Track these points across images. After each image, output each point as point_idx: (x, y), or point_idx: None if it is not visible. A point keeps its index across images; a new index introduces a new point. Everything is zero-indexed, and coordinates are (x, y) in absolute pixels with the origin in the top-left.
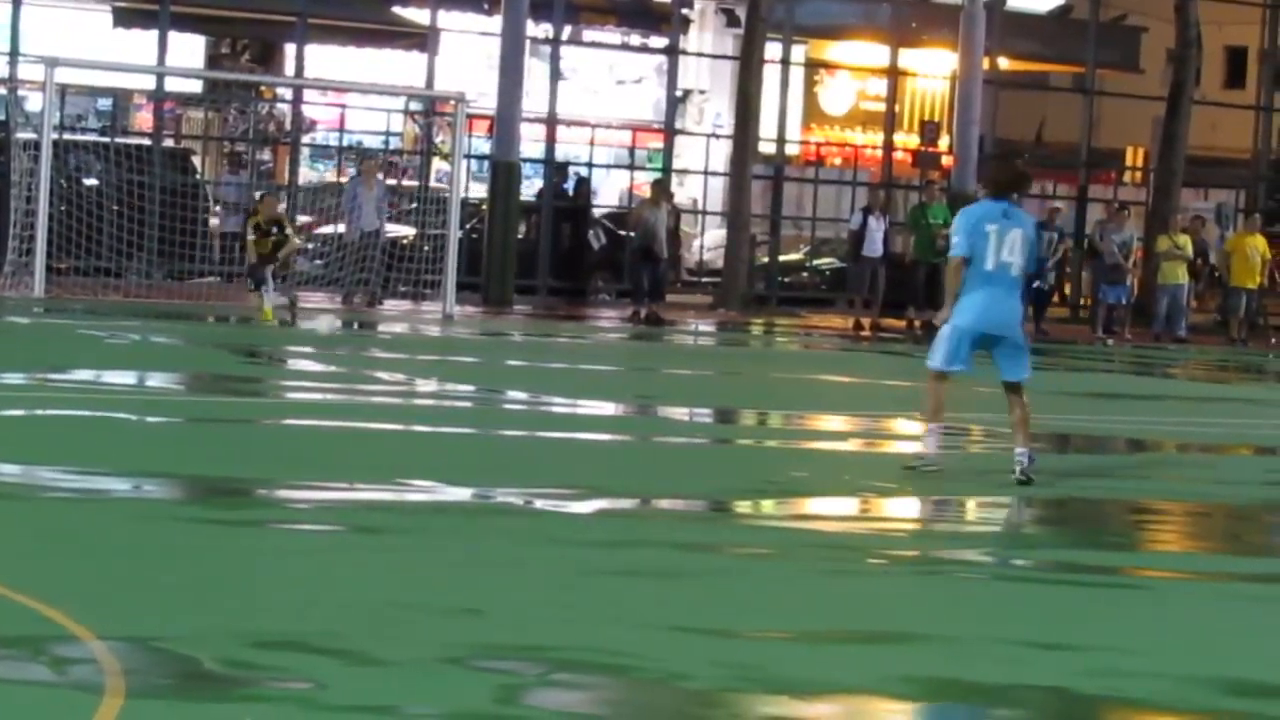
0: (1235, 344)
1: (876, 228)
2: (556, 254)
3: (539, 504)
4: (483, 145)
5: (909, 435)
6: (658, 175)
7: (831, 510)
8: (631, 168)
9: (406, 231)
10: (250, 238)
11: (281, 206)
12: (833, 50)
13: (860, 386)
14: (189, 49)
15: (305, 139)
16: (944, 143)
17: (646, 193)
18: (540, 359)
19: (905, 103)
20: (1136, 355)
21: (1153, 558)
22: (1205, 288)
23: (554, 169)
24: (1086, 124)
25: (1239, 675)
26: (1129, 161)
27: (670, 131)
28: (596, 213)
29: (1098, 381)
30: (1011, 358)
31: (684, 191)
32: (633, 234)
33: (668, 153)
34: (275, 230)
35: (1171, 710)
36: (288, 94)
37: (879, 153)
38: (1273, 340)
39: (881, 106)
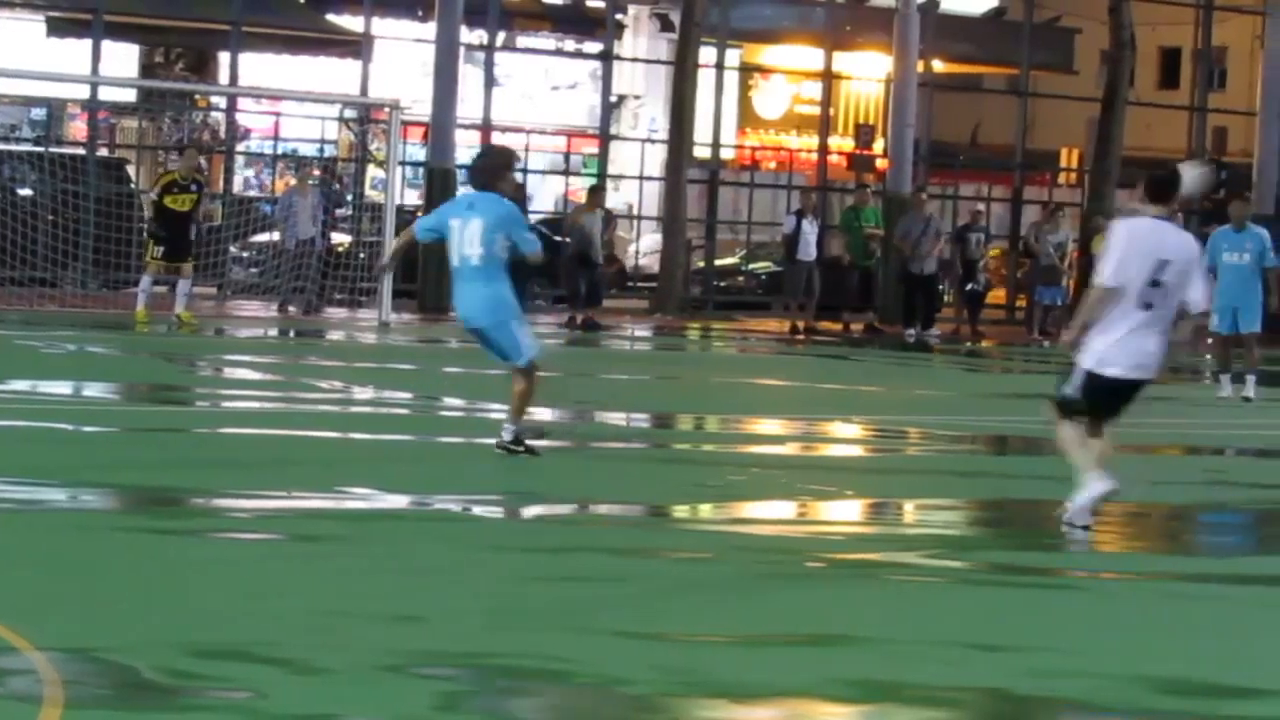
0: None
1: (810, 231)
2: None
3: (477, 510)
4: (418, 152)
5: (846, 438)
6: (593, 181)
7: (769, 514)
8: (567, 173)
9: (342, 239)
10: (156, 198)
11: (202, 161)
12: (767, 54)
13: (796, 389)
14: (123, 58)
15: (240, 147)
16: (879, 145)
17: (582, 198)
18: (477, 365)
19: (840, 106)
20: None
21: (1091, 558)
22: None
23: None
24: (1021, 125)
25: (1178, 675)
26: (1064, 163)
27: (605, 137)
28: (532, 218)
29: (1034, 382)
30: (502, 345)
31: (619, 196)
32: (569, 239)
33: (603, 158)
34: (195, 187)
35: (1111, 710)
36: (222, 102)
37: (814, 156)
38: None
39: (816, 110)
